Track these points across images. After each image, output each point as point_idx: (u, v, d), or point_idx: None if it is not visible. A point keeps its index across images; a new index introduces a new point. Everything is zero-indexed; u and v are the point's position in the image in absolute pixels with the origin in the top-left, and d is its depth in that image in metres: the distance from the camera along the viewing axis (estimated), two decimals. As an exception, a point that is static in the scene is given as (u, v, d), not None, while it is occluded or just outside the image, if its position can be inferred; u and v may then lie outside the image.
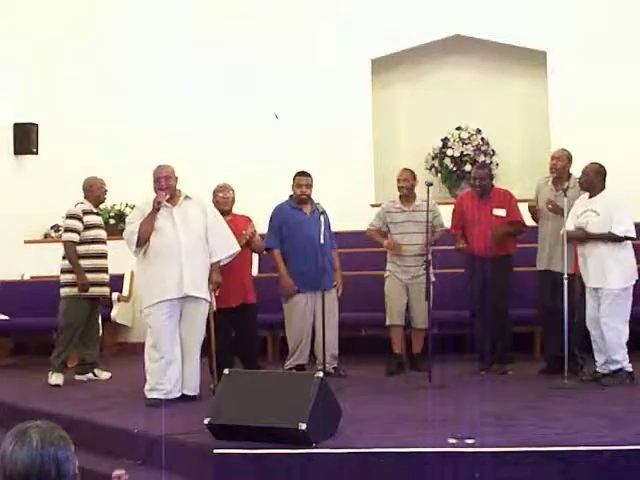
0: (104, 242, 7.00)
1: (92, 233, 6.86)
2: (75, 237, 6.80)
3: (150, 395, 5.78)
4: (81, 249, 6.81)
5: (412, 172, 7.08)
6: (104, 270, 6.95)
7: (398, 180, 7.02)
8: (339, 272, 6.89)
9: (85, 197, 7.00)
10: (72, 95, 9.64)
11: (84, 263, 6.78)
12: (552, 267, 6.38)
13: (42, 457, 2.03)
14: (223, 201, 6.63)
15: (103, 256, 6.95)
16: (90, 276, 6.78)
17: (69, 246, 6.79)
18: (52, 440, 2.06)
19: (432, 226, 6.80)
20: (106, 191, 7.07)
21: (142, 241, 5.82)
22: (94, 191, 6.99)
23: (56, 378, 6.77)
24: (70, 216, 6.86)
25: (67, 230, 6.86)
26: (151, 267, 5.83)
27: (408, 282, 6.89)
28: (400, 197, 7.03)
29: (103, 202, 7.20)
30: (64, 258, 6.85)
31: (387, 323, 6.96)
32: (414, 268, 6.83)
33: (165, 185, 5.88)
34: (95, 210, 7.03)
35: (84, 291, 6.75)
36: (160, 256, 5.80)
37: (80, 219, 6.83)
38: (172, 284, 5.78)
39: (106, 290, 7.03)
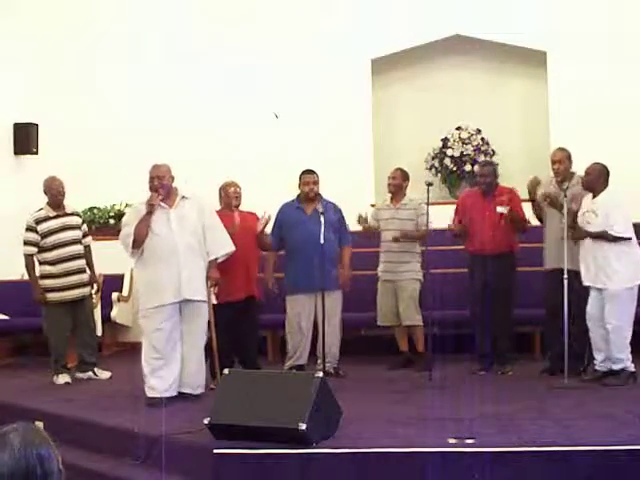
0: (73, 243, 6.91)
1: (50, 240, 6.81)
2: (31, 250, 6.84)
3: (149, 394, 5.80)
4: (44, 256, 6.84)
5: (404, 172, 7.21)
6: (75, 272, 6.88)
7: (388, 178, 7.22)
8: (347, 268, 6.87)
9: (47, 201, 6.98)
10: (72, 95, 9.63)
11: (49, 270, 6.82)
12: (560, 265, 6.33)
13: (26, 458, 2.03)
14: (234, 195, 6.63)
15: (71, 258, 6.88)
16: (58, 281, 6.81)
17: (25, 259, 6.87)
18: (33, 440, 2.06)
19: (416, 224, 6.91)
20: (60, 192, 6.92)
21: (137, 244, 5.77)
22: (47, 194, 6.95)
23: (62, 378, 6.83)
24: (26, 228, 6.87)
25: (24, 243, 6.90)
26: (148, 270, 5.80)
27: (394, 280, 7.00)
28: (391, 195, 7.18)
29: (60, 203, 6.94)
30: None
31: (377, 323, 7.18)
32: (397, 265, 6.97)
33: (159, 185, 5.81)
34: (54, 214, 6.89)
35: (41, 302, 6.84)
36: (157, 259, 5.77)
37: (34, 230, 6.83)
38: (171, 288, 5.77)
39: (75, 293, 6.89)
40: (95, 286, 7.26)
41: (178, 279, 5.76)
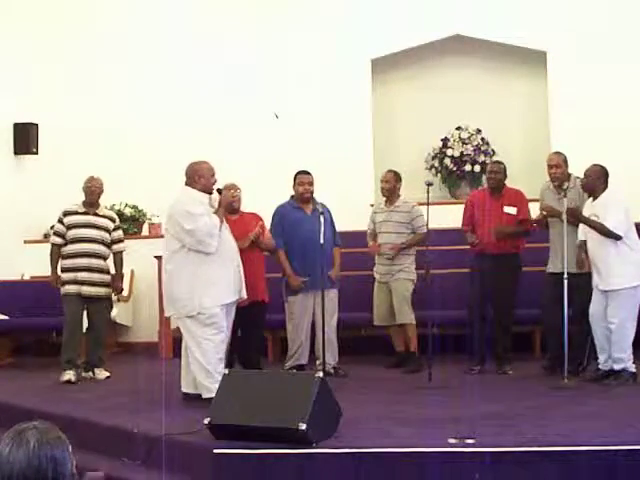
0: (93, 241, 6.96)
1: (71, 233, 6.95)
2: (56, 239, 7.03)
3: (206, 395, 5.54)
4: (64, 249, 6.98)
5: (396, 174, 7.22)
6: (84, 269, 6.90)
7: (381, 181, 7.22)
8: (338, 268, 6.89)
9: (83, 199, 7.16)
10: (72, 95, 9.64)
11: (64, 262, 6.96)
12: (563, 270, 6.32)
13: (39, 458, 2.03)
14: (234, 199, 6.60)
15: (85, 255, 6.91)
16: (70, 275, 6.89)
17: (50, 248, 7.07)
18: (49, 441, 2.05)
19: (412, 227, 6.92)
20: (93, 192, 7.03)
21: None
22: (83, 192, 7.09)
23: (66, 375, 6.82)
24: (57, 219, 7.09)
25: (53, 233, 7.16)
26: (214, 267, 5.64)
27: (388, 282, 7.03)
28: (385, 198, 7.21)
29: (92, 202, 7.06)
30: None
31: (373, 323, 7.23)
32: (390, 266, 7.00)
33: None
34: (83, 210, 7.02)
35: (55, 287, 6.99)
36: (223, 256, 5.71)
37: (60, 221, 7.02)
38: (235, 285, 5.80)
39: (84, 289, 6.90)
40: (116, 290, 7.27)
41: (240, 278, 5.85)
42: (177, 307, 5.72)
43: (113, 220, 7.23)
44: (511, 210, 6.67)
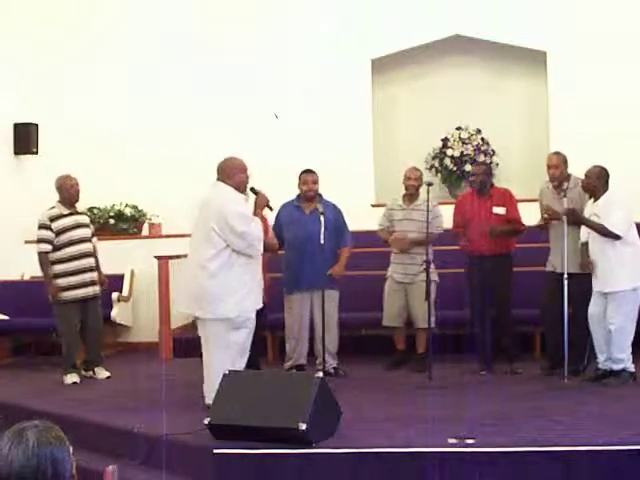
0: (84, 241, 6.91)
1: (64, 237, 6.80)
2: (46, 247, 6.80)
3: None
4: (58, 255, 6.81)
5: (421, 172, 7.17)
6: (87, 270, 6.88)
7: (408, 178, 7.04)
8: (342, 266, 6.79)
9: (59, 199, 6.97)
10: (72, 95, 9.64)
11: (63, 267, 6.78)
12: (562, 270, 6.30)
13: (38, 457, 2.02)
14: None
15: (83, 256, 6.87)
16: (71, 279, 6.80)
17: (40, 256, 6.83)
18: (49, 440, 2.05)
19: (431, 226, 6.87)
20: (77, 190, 6.95)
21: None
22: (62, 192, 6.95)
23: (71, 377, 6.81)
24: (39, 226, 6.86)
25: (38, 241, 6.90)
26: (255, 270, 5.55)
27: (407, 282, 6.94)
28: (404, 195, 7.09)
29: (76, 201, 6.98)
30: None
31: (383, 323, 7.10)
32: (411, 267, 6.89)
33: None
34: (67, 212, 6.89)
35: (55, 299, 6.78)
36: (258, 259, 5.60)
37: (48, 227, 6.81)
38: (260, 292, 5.69)
39: (88, 291, 6.88)
40: (103, 285, 7.19)
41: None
42: (221, 307, 5.41)
43: (88, 215, 7.24)
44: (500, 210, 6.66)
